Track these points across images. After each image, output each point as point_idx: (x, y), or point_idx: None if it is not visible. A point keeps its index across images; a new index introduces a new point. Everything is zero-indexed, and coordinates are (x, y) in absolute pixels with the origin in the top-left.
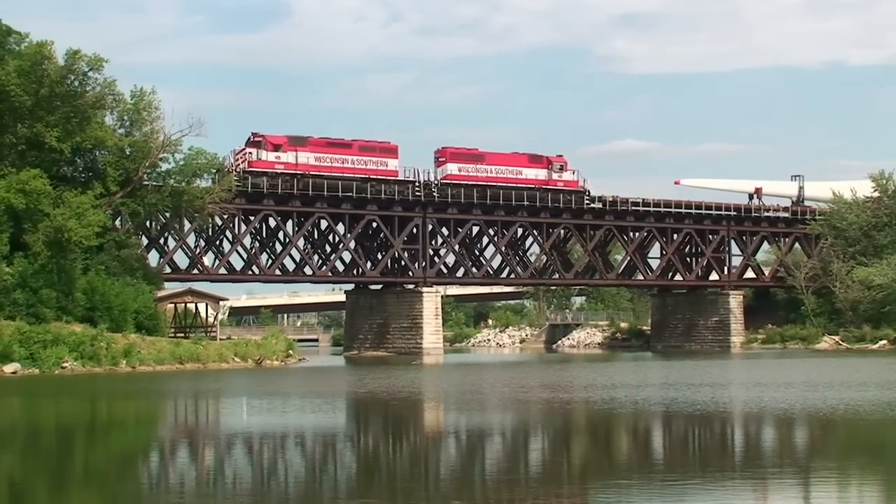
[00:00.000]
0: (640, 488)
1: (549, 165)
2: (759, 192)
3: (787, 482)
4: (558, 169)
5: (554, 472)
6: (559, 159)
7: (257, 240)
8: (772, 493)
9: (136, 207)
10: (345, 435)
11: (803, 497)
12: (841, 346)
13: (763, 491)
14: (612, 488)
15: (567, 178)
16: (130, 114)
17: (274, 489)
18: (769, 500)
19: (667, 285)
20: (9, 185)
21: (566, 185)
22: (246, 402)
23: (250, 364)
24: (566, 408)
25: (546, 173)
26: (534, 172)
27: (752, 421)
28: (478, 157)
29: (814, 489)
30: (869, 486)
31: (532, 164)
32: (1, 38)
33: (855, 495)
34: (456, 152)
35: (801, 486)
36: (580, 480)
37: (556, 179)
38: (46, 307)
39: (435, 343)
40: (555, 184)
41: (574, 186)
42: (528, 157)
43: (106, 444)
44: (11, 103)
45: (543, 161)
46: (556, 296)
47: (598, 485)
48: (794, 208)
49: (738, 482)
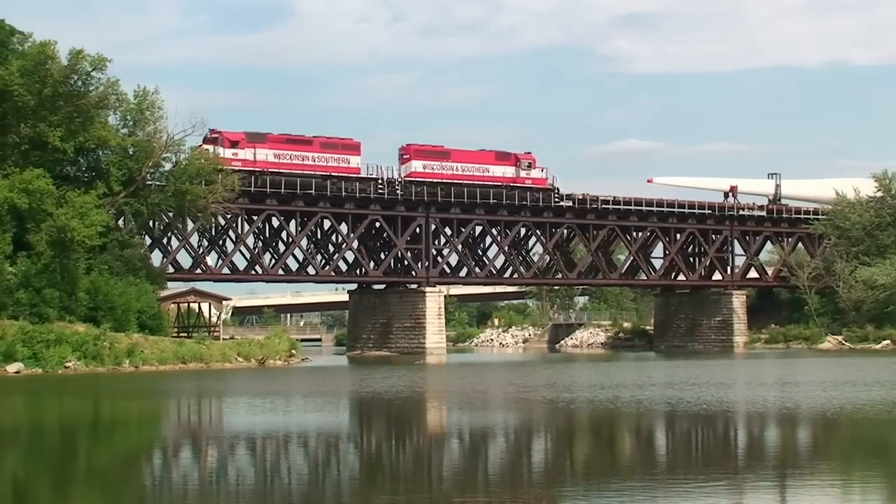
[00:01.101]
0: (641, 488)
1: (517, 163)
2: (735, 190)
3: (791, 482)
4: (526, 166)
5: (556, 471)
6: (527, 157)
7: (260, 239)
8: (774, 492)
9: (140, 207)
10: (348, 435)
11: (810, 497)
12: (844, 346)
13: (767, 490)
14: (614, 488)
15: (535, 176)
16: (133, 114)
17: (277, 489)
18: (772, 500)
19: (670, 285)
20: (12, 185)
21: (534, 183)
22: (246, 401)
23: (253, 364)
24: (569, 407)
25: (514, 171)
26: (501, 170)
27: (761, 420)
28: (443, 154)
29: (820, 489)
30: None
31: (499, 161)
32: (4, 38)
33: (857, 495)
34: (420, 149)
35: (807, 486)
36: (583, 480)
37: (525, 177)
38: (50, 307)
39: (438, 343)
40: (523, 181)
41: (542, 184)
42: (496, 155)
43: (109, 444)
44: (15, 103)
45: (511, 158)
46: (559, 295)
47: (600, 484)
48: (770, 206)
49: (739, 482)
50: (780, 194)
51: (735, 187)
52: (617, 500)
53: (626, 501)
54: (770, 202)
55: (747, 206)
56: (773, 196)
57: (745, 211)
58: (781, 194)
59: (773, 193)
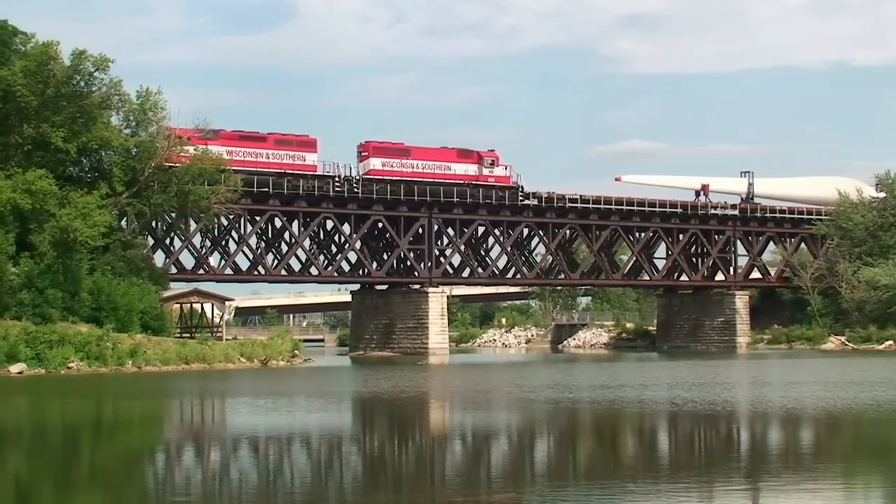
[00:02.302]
0: (643, 487)
1: (479, 160)
2: (706, 189)
3: (792, 482)
4: (489, 164)
5: (559, 470)
6: (491, 154)
7: (263, 240)
8: (781, 491)
9: (142, 208)
10: (351, 435)
11: (811, 497)
12: (847, 346)
13: (770, 490)
14: (616, 487)
15: (499, 174)
16: (136, 114)
17: (279, 490)
18: (777, 500)
19: (672, 285)
20: (15, 186)
21: (497, 181)
22: (248, 402)
23: (256, 364)
24: (572, 408)
25: (476, 168)
26: (463, 168)
27: (771, 420)
28: (403, 152)
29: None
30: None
31: (461, 159)
32: (7, 39)
33: (860, 495)
34: (379, 146)
35: (810, 486)
36: (585, 480)
37: (488, 175)
38: (52, 307)
39: (441, 343)
40: (486, 179)
41: (506, 182)
42: (458, 152)
43: (112, 445)
44: (17, 103)
45: (474, 156)
46: (561, 296)
47: (602, 484)
48: (742, 205)
49: (741, 481)
50: (753, 193)
51: (706, 186)
52: (619, 499)
53: (629, 500)
54: (743, 201)
55: (719, 205)
56: (746, 195)
57: (716, 210)
58: (755, 193)
59: (745, 192)
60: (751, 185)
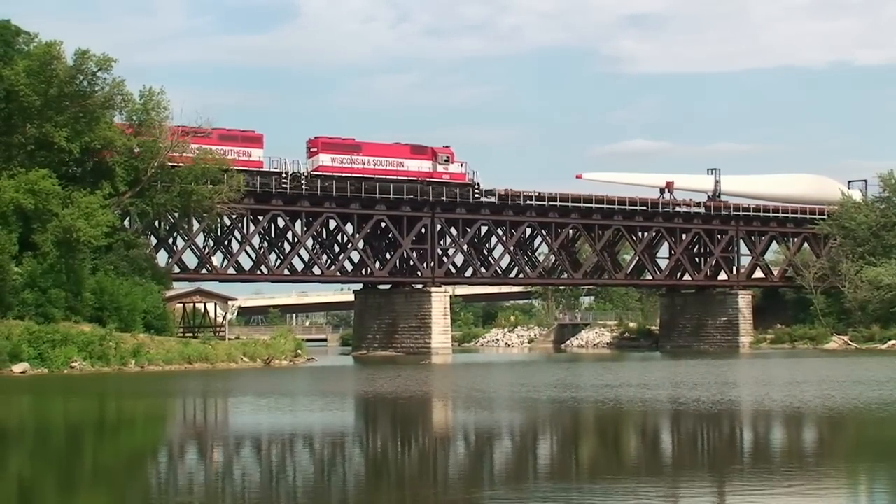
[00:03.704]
0: (645, 487)
1: (434, 157)
2: (671, 186)
3: (794, 481)
4: (444, 161)
5: (562, 470)
6: (446, 150)
7: (266, 240)
8: (777, 491)
9: (145, 207)
10: (354, 434)
11: (815, 496)
12: (850, 346)
13: (772, 490)
14: (618, 487)
15: (454, 171)
16: (139, 114)
17: (282, 489)
18: (776, 498)
19: (675, 285)
20: (18, 185)
21: (453, 178)
22: (251, 401)
23: (259, 364)
24: (575, 407)
25: (431, 165)
26: (417, 164)
27: (775, 420)
28: (354, 148)
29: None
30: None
31: (415, 155)
32: (10, 39)
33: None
34: (329, 142)
35: (814, 486)
36: (587, 479)
37: (442, 172)
38: (55, 307)
39: (443, 343)
40: (440, 176)
41: (461, 179)
42: (411, 148)
43: (115, 444)
44: (20, 103)
45: (428, 152)
46: (564, 296)
47: (604, 484)
48: (708, 203)
49: (744, 481)
50: (720, 190)
51: (671, 183)
52: (621, 499)
53: (629, 501)
54: (709, 198)
55: (683, 202)
56: (713, 192)
57: (680, 207)
58: (721, 190)
59: (712, 189)
60: (718, 182)
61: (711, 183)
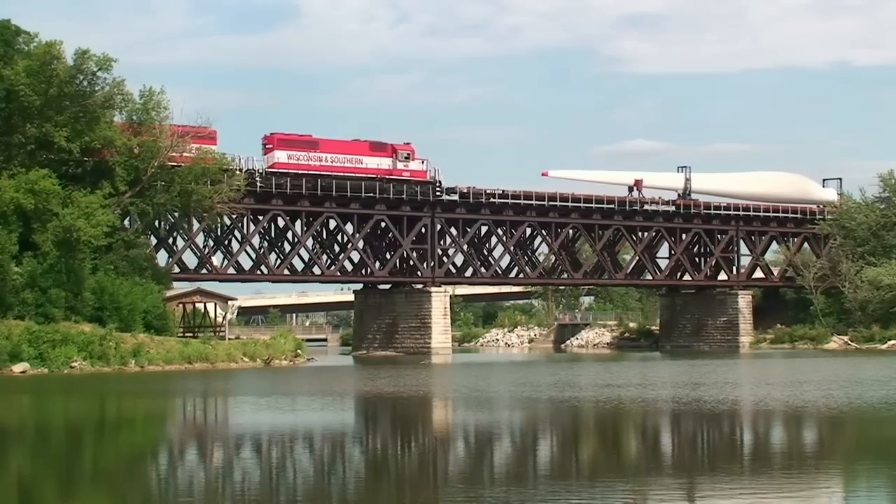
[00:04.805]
0: (647, 486)
1: (393, 154)
2: (639, 184)
3: (795, 482)
4: (404, 158)
5: (562, 469)
6: (406, 147)
7: (266, 239)
8: (779, 491)
9: (145, 207)
10: (353, 434)
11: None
12: (850, 346)
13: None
14: (619, 487)
15: (414, 168)
16: (139, 113)
17: (282, 489)
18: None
19: (675, 285)
20: (18, 185)
21: (413, 175)
22: (252, 401)
23: (259, 364)
24: (575, 406)
25: (390, 162)
26: (376, 161)
27: (776, 419)
28: (311, 144)
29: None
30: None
31: (374, 152)
32: (10, 38)
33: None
34: (285, 139)
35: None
36: (588, 479)
37: (402, 169)
38: (55, 307)
39: (443, 343)
40: (400, 173)
41: (422, 177)
42: (370, 145)
43: (115, 444)
44: (20, 103)
45: (388, 149)
46: (564, 295)
47: (605, 483)
48: (678, 201)
49: (746, 480)
50: (690, 188)
51: (640, 181)
52: (622, 498)
53: (630, 500)
54: (679, 196)
55: (651, 201)
56: (683, 190)
57: (649, 206)
58: (692, 188)
59: (682, 188)
60: (688, 180)
61: (681, 181)
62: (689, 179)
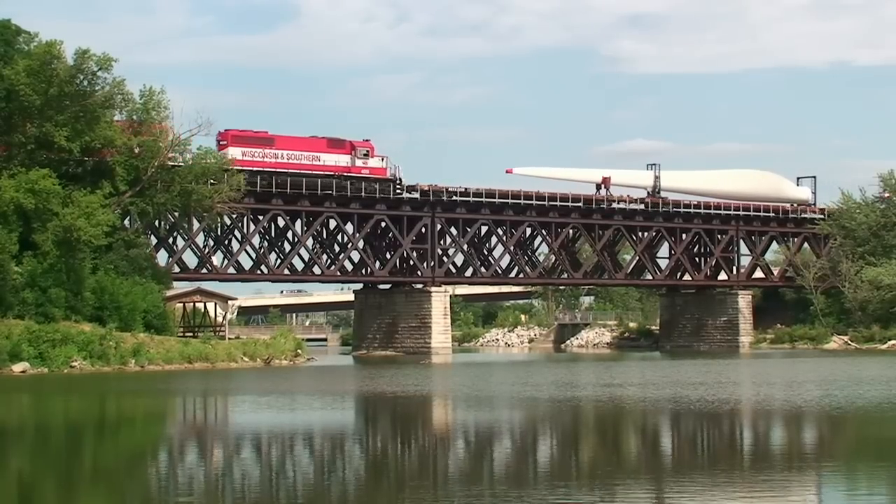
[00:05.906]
0: (648, 486)
1: (352, 151)
2: (607, 182)
3: (797, 481)
4: (363, 155)
5: (562, 469)
6: (365, 144)
7: (266, 239)
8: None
9: (145, 207)
10: (353, 433)
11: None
12: (850, 346)
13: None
14: (620, 486)
15: (373, 165)
16: (139, 113)
17: (282, 488)
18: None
19: (675, 285)
20: (18, 185)
21: (372, 173)
22: (251, 400)
23: (259, 363)
24: (575, 405)
25: (349, 159)
26: (334, 158)
27: (777, 419)
28: (266, 141)
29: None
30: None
31: (332, 149)
32: (10, 38)
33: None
34: (239, 135)
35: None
36: (588, 478)
37: (361, 166)
38: (55, 306)
39: (443, 342)
40: (358, 171)
41: (381, 174)
42: (328, 142)
43: (115, 443)
44: (21, 103)
45: (346, 146)
46: (564, 295)
47: (605, 483)
48: (648, 199)
49: (746, 480)
50: (659, 186)
51: (608, 179)
52: (622, 498)
53: (630, 500)
54: (649, 194)
55: (619, 199)
56: (653, 188)
57: (616, 203)
58: (661, 186)
59: (651, 185)
60: (657, 178)
61: (651, 179)
62: (658, 177)
